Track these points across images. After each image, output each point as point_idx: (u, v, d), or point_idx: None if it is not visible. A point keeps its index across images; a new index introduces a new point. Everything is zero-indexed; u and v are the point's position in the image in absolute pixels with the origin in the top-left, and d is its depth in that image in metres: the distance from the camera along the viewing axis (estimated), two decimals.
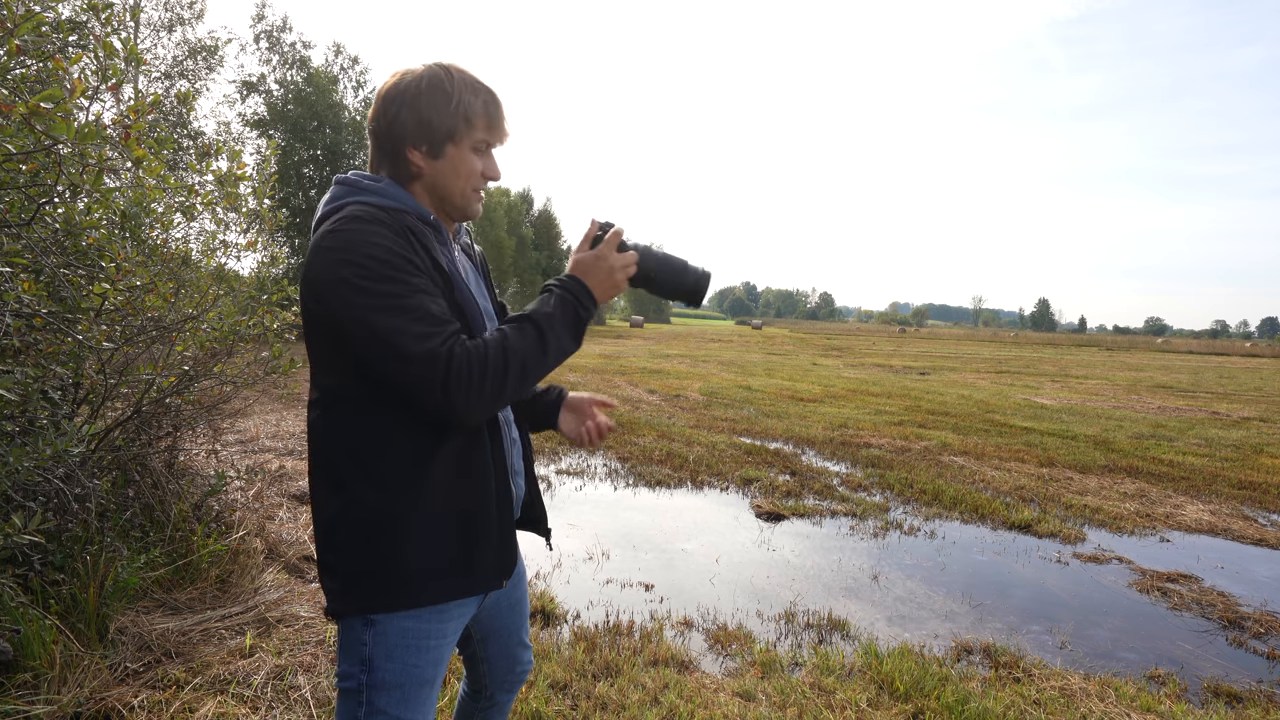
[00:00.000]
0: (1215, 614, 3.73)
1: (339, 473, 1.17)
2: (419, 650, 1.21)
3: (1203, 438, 9.29)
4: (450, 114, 1.18)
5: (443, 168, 1.22)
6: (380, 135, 1.22)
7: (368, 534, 1.16)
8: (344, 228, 1.11)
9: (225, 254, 3.22)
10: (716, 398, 11.26)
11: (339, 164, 24.61)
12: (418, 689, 1.21)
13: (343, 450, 1.17)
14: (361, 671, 1.18)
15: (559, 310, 1.18)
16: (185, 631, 2.69)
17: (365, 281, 1.07)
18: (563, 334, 1.18)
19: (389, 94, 1.20)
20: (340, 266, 1.08)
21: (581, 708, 2.47)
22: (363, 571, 1.17)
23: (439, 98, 1.18)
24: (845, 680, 2.79)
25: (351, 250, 1.08)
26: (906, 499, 5.68)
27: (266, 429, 6.91)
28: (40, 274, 2.30)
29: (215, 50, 20.29)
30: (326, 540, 1.19)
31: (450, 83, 1.19)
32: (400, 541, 1.16)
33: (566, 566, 3.97)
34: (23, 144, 1.89)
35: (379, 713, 1.19)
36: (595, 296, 1.23)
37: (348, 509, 1.16)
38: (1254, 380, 21.90)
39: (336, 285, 1.08)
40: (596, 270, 1.23)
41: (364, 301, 1.07)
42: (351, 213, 1.13)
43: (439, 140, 1.19)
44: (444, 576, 1.20)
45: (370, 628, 1.18)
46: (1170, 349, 55.98)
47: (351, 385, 1.15)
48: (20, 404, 2.25)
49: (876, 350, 31.34)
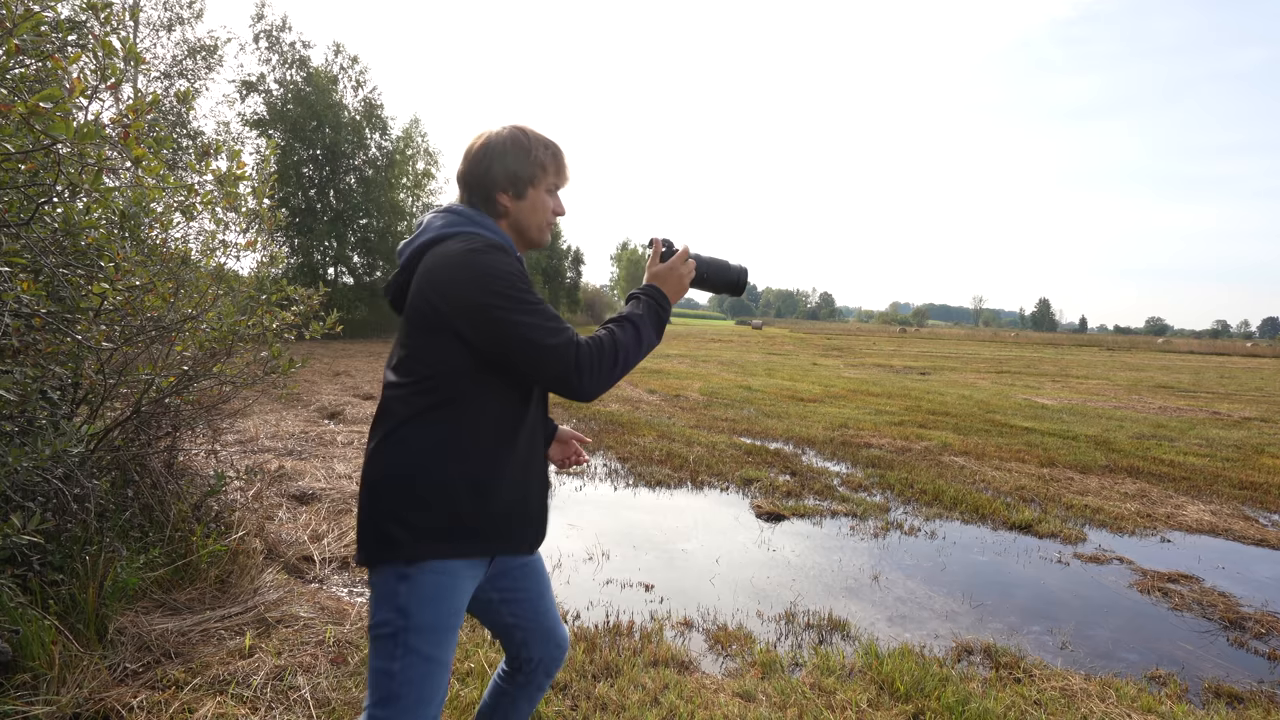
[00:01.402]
0: (1216, 614, 3.73)
1: (429, 443, 1.41)
2: (448, 598, 1.43)
3: (1204, 438, 9.28)
4: (530, 164, 1.53)
5: (524, 207, 1.56)
6: (473, 183, 1.54)
7: (446, 493, 1.41)
8: (480, 248, 1.42)
9: (225, 254, 3.21)
10: (717, 398, 11.26)
11: (338, 163, 24.60)
12: (446, 633, 1.43)
13: (437, 425, 1.42)
14: (399, 618, 1.39)
15: (647, 312, 1.54)
16: (185, 632, 2.69)
17: (511, 292, 1.38)
18: (651, 330, 1.53)
19: (479, 153, 1.53)
20: (488, 279, 1.38)
21: (581, 708, 2.47)
22: (435, 525, 1.40)
23: (520, 153, 1.52)
24: (845, 681, 2.78)
25: (495, 267, 1.40)
26: (907, 499, 5.68)
27: (266, 429, 6.90)
28: (39, 274, 2.29)
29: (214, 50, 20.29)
30: (402, 497, 1.41)
31: (528, 140, 1.53)
32: (473, 501, 1.42)
33: (566, 566, 3.97)
34: (22, 143, 1.89)
35: (413, 652, 1.39)
36: (670, 300, 1.60)
37: (433, 472, 1.40)
38: (1255, 380, 21.90)
39: (483, 295, 1.37)
40: (670, 279, 1.61)
41: (511, 307, 1.37)
42: (487, 242, 1.45)
43: (522, 185, 1.53)
44: (498, 536, 1.48)
45: (404, 581, 1.39)
46: (1171, 349, 55.98)
47: (458, 374, 1.42)
48: (19, 404, 2.25)
49: (877, 350, 31.34)
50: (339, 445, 6.47)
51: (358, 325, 22.84)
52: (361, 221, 25.15)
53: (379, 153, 25.70)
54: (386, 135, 26.01)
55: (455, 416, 1.42)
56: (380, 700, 1.40)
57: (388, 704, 1.39)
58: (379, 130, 25.73)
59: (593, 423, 8.36)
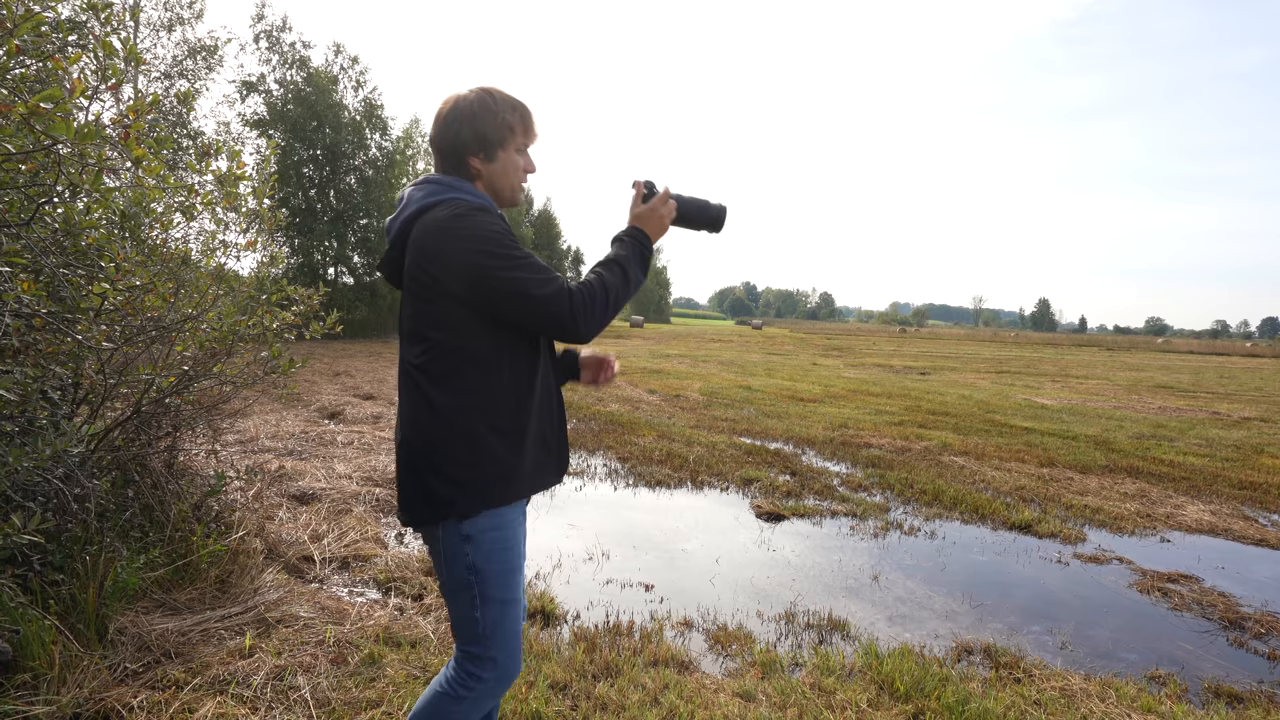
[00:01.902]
0: (1216, 614, 3.73)
1: (458, 404, 1.50)
2: (509, 547, 1.58)
3: (1203, 438, 9.28)
4: (498, 126, 1.56)
5: (496, 169, 1.60)
6: (445, 148, 1.58)
7: (482, 447, 1.51)
8: (463, 213, 1.47)
9: (225, 254, 3.21)
10: (716, 398, 11.26)
11: (338, 164, 24.58)
12: (513, 574, 1.60)
13: (460, 386, 1.51)
14: (471, 574, 1.54)
15: (632, 253, 1.62)
16: (185, 632, 2.69)
17: (499, 250, 1.45)
18: (637, 270, 1.61)
19: (449, 116, 1.56)
20: (473, 241, 1.45)
21: (581, 708, 2.47)
22: (482, 479, 1.52)
23: (488, 115, 1.55)
24: (845, 681, 2.78)
25: (479, 229, 1.46)
26: (907, 499, 5.68)
27: (266, 429, 6.90)
28: (40, 274, 2.30)
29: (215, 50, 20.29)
30: (445, 458, 1.51)
31: (494, 102, 1.56)
32: (507, 450, 1.53)
33: (566, 566, 3.97)
34: (22, 144, 1.89)
35: (489, 600, 1.56)
36: (652, 239, 1.67)
37: (469, 431, 1.51)
38: (1254, 380, 21.90)
39: (472, 255, 1.44)
40: (651, 220, 1.67)
41: (500, 265, 1.44)
42: (469, 205, 1.50)
43: (492, 148, 1.57)
44: (534, 474, 1.59)
45: (468, 542, 1.53)
46: (1171, 349, 55.97)
47: (473, 338, 1.50)
48: (20, 404, 2.25)
49: (877, 350, 31.34)
50: (339, 445, 6.47)
51: (358, 325, 22.84)
52: (362, 221, 25.15)
53: (379, 153, 25.70)
54: (387, 135, 26.01)
55: (475, 375, 1.51)
56: (470, 639, 1.59)
57: (478, 642, 1.58)
58: (379, 130, 25.73)
59: (593, 423, 8.37)
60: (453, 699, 1.59)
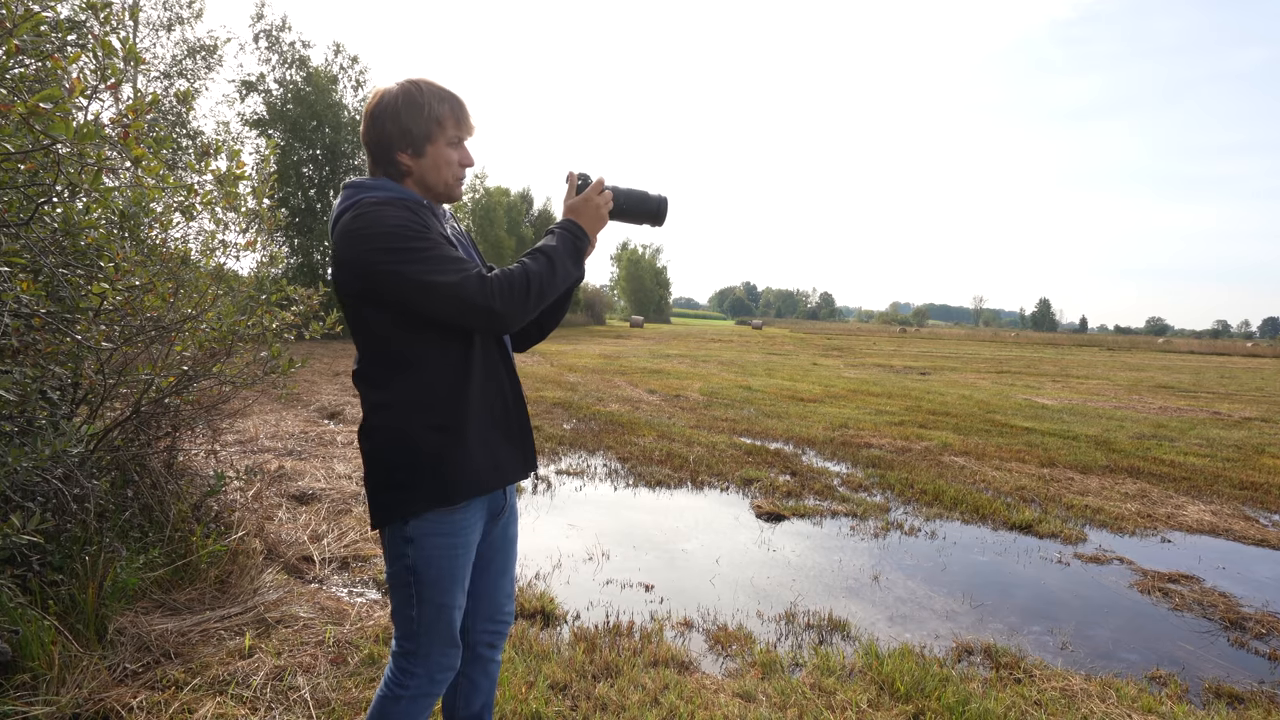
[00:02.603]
0: (1216, 615, 3.73)
1: (394, 407, 1.49)
2: (450, 555, 1.56)
3: (1204, 438, 9.28)
4: (424, 120, 1.49)
5: (426, 164, 1.53)
6: (372, 145, 1.53)
7: (415, 448, 1.49)
8: (362, 212, 1.42)
9: (224, 254, 3.21)
10: (717, 398, 11.25)
11: (338, 163, 24.58)
12: (453, 582, 1.57)
13: (395, 389, 1.49)
14: (409, 574, 1.54)
15: (561, 243, 1.54)
16: (184, 632, 2.69)
17: (394, 245, 1.38)
18: (568, 261, 1.53)
19: (374, 111, 1.51)
20: (368, 240, 1.39)
21: (581, 708, 2.46)
22: (420, 480, 1.49)
23: (414, 109, 1.48)
24: (846, 681, 2.78)
25: (373, 226, 1.39)
26: (907, 499, 5.68)
27: (266, 429, 6.90)
28: (39, 274, 2.29)
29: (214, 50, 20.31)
30: (385, 462, 1.51)
31: (421, 95, 1.49)
32: (444, 448, 1.49)
33: (566, 567, 3.97)
34: (21, 143, 1.89)
35: (426, 602, 1.55)
36: (587, 231, 1.59)
37: (403, 433, 1.49)
38: (1255, 380, 21.89)
39: (369, 254, 1.39)
40: (585, 211, 1.59)
41: (394, 259, 1.37)
42: (365, 200, 1.44)
43: (420, 142, 1.50)
44: (488, 469, 1.55)
45: (410, 544, 1.52)
46: (1171, 349, 55.94)
47: (393, 340, 1.47)
48: (19, 404, 2.24)
49: (877, 350, 31.33)
50: (339, 445, 6.47)
51: None
52: None
53: None
54: None
55: (407, 376, 1.49)
56: (405, 634, 1.60)
57: (411, 638, 1.59)
58: None
59: (593, 423, 8.36)
60: (391, 699, 1.61)
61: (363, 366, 1.53)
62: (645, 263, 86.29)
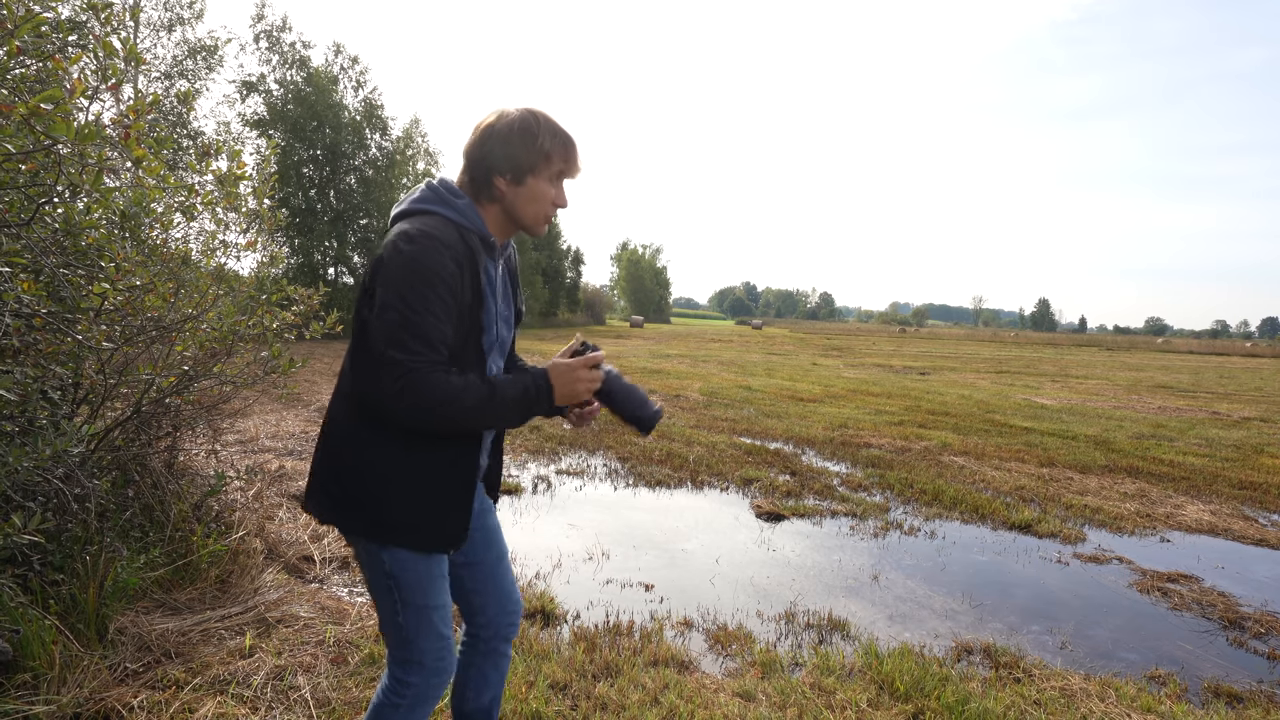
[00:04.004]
0: (1216, 614, 3.73)
1: (368, 421, 1.48)
2: (420, 563, 1.54)
3: (1203, 438, 9.28)
4: (533, 151, 1.49)
5: (522, 193, 1.52)
6: (473, 161, 1.52)
7: (369, 482, 1.49)
8: (419, 239, 1.40)
9: (225, 254, 3.21)
10: (716, 398, 11.25)
11: (338, 164, 24.59)
12: (436, 580, 1.57)
13: (361, 414, 1.48)
14: (388, 580, 1.53)
15: (518, 397, 1.46)
16: (185, 632, 2.69)
17: (405, 290, 1.37)
18: (509, 413, 1.46)
19: (486, 130, 1.50)
20: (396, 272, 1.39)
21: (581, 708, 2.47)
22: (368, 515, 1.50)
23: (526, 138, 1.48)
24: (845, 680, 2.78)
25: (411, 263, 1.38)
26: (906, 499, 5.68)
27: (266, 429, 6.90)
28: (40, 274, 2.30)
29: (215, 50, 20.32)
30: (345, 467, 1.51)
31: (536, 126, 1.49)
32: (389, 494, 1.48)
33: (566, 566, 3.97)
34: (22, 144, 1.89)
35: (410, 605, 1.55)
36: (554, 397, 1.50)
37: (367, 453, 1.49)
38: (1254, 380, 21.90)
39: (388, 281, 1.39)
40: (565, 377, 1.50)
41: (394, 304, 1.37)
42: (431, 228, 1.43)
43: (522, 172, 1.50)
44: (418, 531, 1.52)
45: (384, 550, 1.51)
46: (1170, 349, 55.95)
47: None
48: (20, 404, 2.25)
49: (876, 350, 31.33)
50: None
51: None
52: (362, 222, 25.15)
53: (379, 153, 25.72)
54: (387, 135, 26.03)
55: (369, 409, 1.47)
56: (396, 643, 1.59)
57: (403, 646, 1.58)
58: (379, 130, 25.75)
59: (593, 422, 8.37)
60: (390, 708, 1.60)
61: (351, 345, 1.50)
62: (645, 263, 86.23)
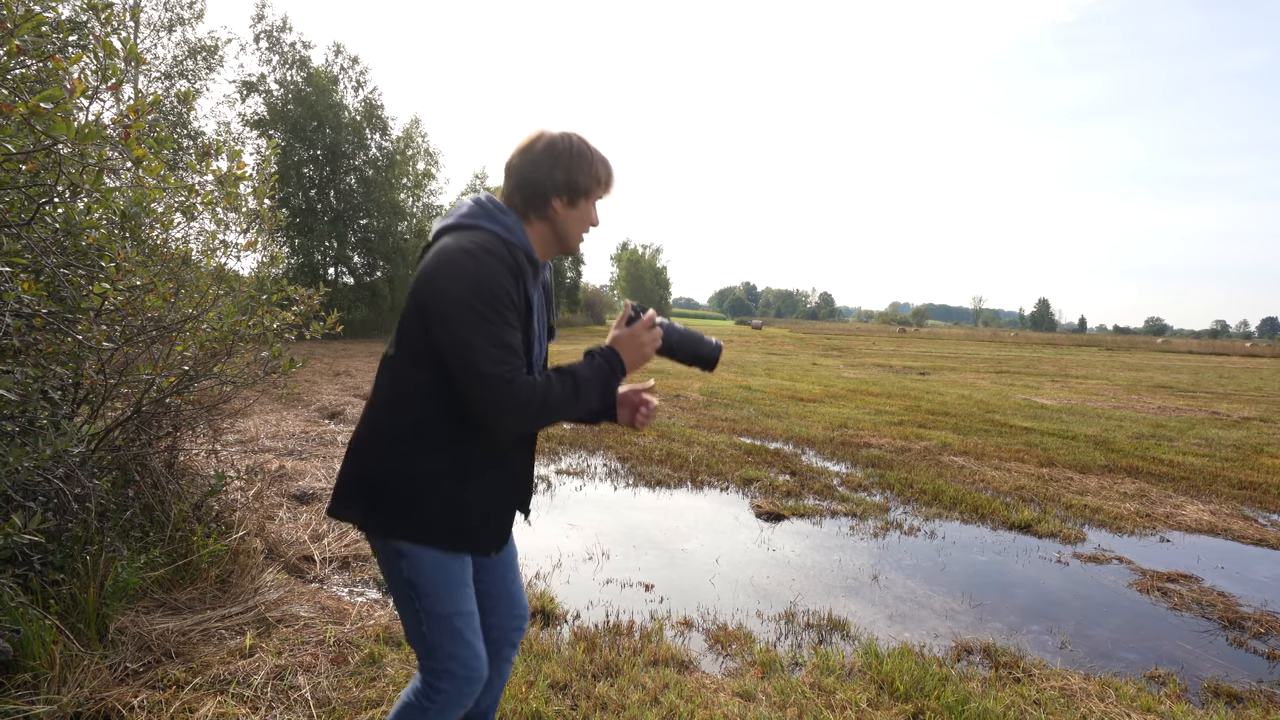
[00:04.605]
0: (1215, 614, 3.73)
1: (405, 430, 1.49)
2: (447, 564, 1.54)
3: (1203, 438, 9.28)
4: (589, 176, 1.55)
5: (574, 215, 1.58)
6: (527, 181, 1.54)
7: (420, 485, 1.49)
8: (476, 253, 1.43)
9: (225, 254, 3.21)
10: (716, 397, 11.26)
11: (339, 164, 24.58)
12: (458, 588, 1.56)
13: (413, 409, 1.49)
14: (409, 588, 1.53)
15: (594, 375, 1.53)
16: (185, 631, 2.69)
17: (479, 306, 1.39)
18: (592, 394, 1.52)
19: (542, 151, 1.53)
20: (463, 289, 1.40)
21: (581, 708, 2.47)
22: (413, 510, 1.49)
23: (584, 163, 1.54)
24: (845, 680, 2.79)
25: (476, 277, 1.41)
26: (906, 499, 5.68)
27: (266, 429, 6.91)
28: (40, 274, 2.30)
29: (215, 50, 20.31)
30: (387, 470, 1.50)
31: (589, 151, 1.55)
32: (438, 496, 1.49)
33: (566, 566, 3.97)
34: (23, 144, 1.89)
35: (431, 614, 1.54)
36: (626, 366, 1.58)
37: (415, 457, 1.49)
38: (1254, 380, 21.90)
39: (453, 297, 1.40)
40: (630, 345, 1.58)
41: (467, 319, 1.39)
42: (485, 242, 1.45)
43: (577, 195, 1.55)
44: (464, 534, 1.54)
45: (402, 558, 1.51)
46: (1170, 349, 55.93)
47: (436, 360, 1.46)
48: (20, 404, 2.25)
49: (876, 350, 31.33)
50: (339, 445, 6.47)
51: (358, 325, 22.84)
52: (362, 222, 25.15)
53: (379, 153, 25.71)
54: (387, 136, 26.02)
55: (430, 401, 1.48)
56: (423, 653, 1.59)
57: (431, 655, 1.57)
58: (379, 131, 25.74)
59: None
60: (418, 710, 1.60)
61: (399, 360, 1.51)
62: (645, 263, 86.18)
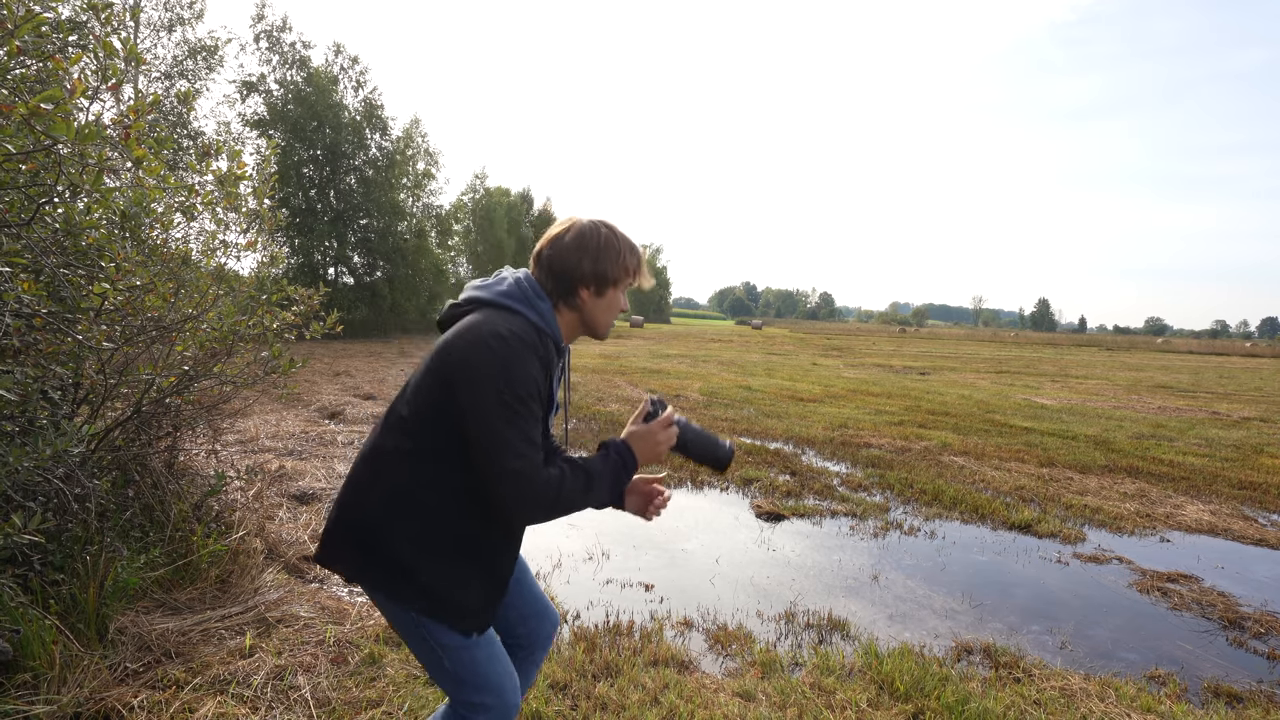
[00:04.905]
0: (1215, 614, 3.73)
1: (428, 503, 1.47)
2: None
3: (1203, 438, 9.28)
4: (618, 267, 1.57)
5: (601, 304, 1.60)
6: (558, 270, 1.55)
7: (425, 552, 1.48)
8: (512, 342, 1.43)
9: (225, 254, 3.21)
10: (716, 398, 11.26)
11: (338, 164, 24.59)
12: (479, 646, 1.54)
13: (429, 479, 1.47)
14: (431, 641, 1.50)
15: (607, 470, 1.55)
16: (185, 632, 2.69)
17: (509, 398, 1.39)
18: (603, 490, 1.54)
19: (571, 242, 1.55)
20: (495, 378, 1.39)
21: (581, 708, 2.47)
22: (430, 587, 1.47)
23: (613, 255, 1.57)
24: (845, 680, 2.79)
25: (508, 366, 1.40)
26: (906, 499, 5.68)
27: (266, 429, 6.90)
28: (40, 274, 2.30)
29: (215, 50, 20.31)
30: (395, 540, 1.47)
31: (618, 242, 1.57)
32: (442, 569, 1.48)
33: (566, 566, 3.97)
34: (23, 144, 1.89)
35: (447, 647, 1.51)
36: (639, 462, 1.61)
37: (415, 529, 1.47)
38: (1254, 380, 21.90)
39: (486, 387, 1.39)
40: (645, 441, 1.61)
41: (498, 411, 1.38)
42: (520, 331, 1.46)
43: (605, 285, 1.58)
44: (474, 614, 1.52)
45: (423, 625, 1.49)
46: (1170, 349, 55.95)
47: (452, 433, 1.44)
48: (20, 404, 2.25)
49: (876, 350, 31.33)
50: (339, 445, 6.47)
51: (358, 325, 22.84)
52: (362, 222, 25.16)
53: (379, 153, 25.71)
54: (387, 136, 26.03)
55: (443, 473, 1.46)
56: (450, 690, 1.57)
57: (459, 691, 1.55)
58: (379, 131, 25.75)
59: (593, 423, 8.37)
60: None
61: (410, 424, 1.49)
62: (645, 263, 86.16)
